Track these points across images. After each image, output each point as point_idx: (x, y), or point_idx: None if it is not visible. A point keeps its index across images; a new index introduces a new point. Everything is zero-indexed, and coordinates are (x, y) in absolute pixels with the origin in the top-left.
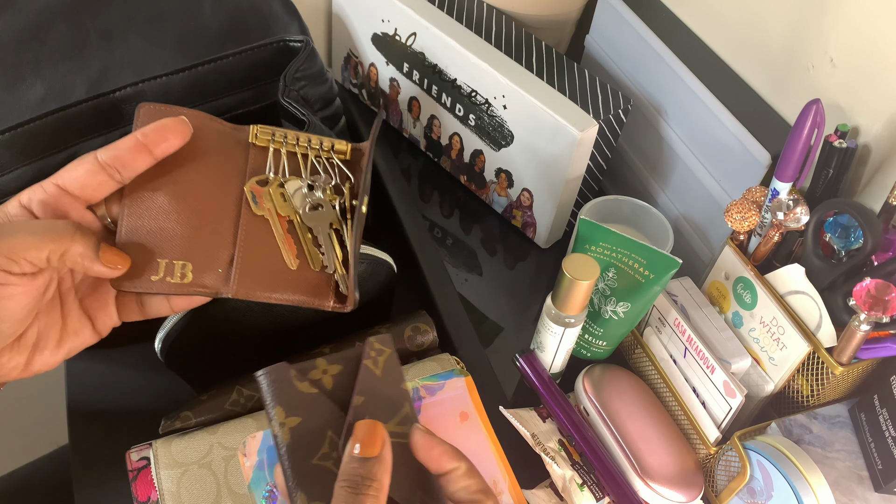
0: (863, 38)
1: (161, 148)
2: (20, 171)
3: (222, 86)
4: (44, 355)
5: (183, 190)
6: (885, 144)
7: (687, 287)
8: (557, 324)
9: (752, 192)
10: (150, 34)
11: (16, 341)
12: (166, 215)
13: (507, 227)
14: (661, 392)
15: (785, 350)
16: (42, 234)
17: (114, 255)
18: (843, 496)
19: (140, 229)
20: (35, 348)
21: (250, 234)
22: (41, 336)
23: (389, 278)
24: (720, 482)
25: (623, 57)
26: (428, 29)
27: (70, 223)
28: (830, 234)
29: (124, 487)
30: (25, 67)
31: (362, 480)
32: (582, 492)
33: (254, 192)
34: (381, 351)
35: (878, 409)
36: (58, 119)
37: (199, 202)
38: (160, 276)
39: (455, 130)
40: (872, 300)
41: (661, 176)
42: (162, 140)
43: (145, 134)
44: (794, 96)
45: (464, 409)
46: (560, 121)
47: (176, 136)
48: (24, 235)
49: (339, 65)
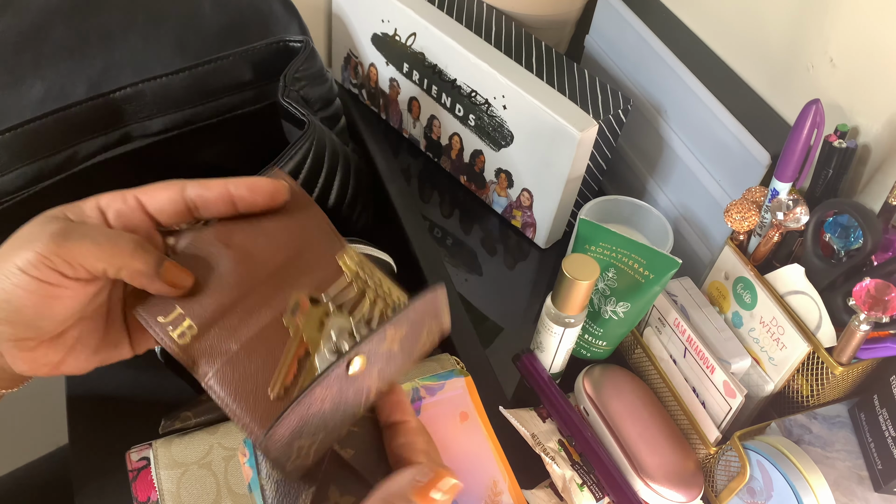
0: (863, 38)
1: (245, 203)
2: (20, 171)
3: (222, 86)
4: (78, 359)
5: (246, 260)
6: (884, 144)
7: (687, 287)
8: (557, 324)
9: (751, 192)
10: (150, 34)
11: (54, 339)
12: (214, 273)
13: (507, 227)
14: (661, 392)
15: (785, 350)
16: (105, 245)
17: (176, 274)
18: (843, 496)
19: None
20: (71, 350)
21: (263, 339)
22: (80, 339)
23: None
24: (720, 482)
25: (623, 57)
26: (428, 29)
27: (133, 240)
28: (830, 234)
29: (124, 487)
30: (25, 67)
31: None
32: (582, 492)
33: (300, 303)
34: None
35: (878, 409)
36: (58, 119)
37: (251, 279)
38: (166, 320)
39: (455, 130)
40: (872, 300)
41: (661, 176)
42: (249, 197)
43: (237, 186)
44: (794, 96)
45: (464, 410)
46: (560, 121)
47: (265, 197)
48: (88, 244)
49: (339, 65)
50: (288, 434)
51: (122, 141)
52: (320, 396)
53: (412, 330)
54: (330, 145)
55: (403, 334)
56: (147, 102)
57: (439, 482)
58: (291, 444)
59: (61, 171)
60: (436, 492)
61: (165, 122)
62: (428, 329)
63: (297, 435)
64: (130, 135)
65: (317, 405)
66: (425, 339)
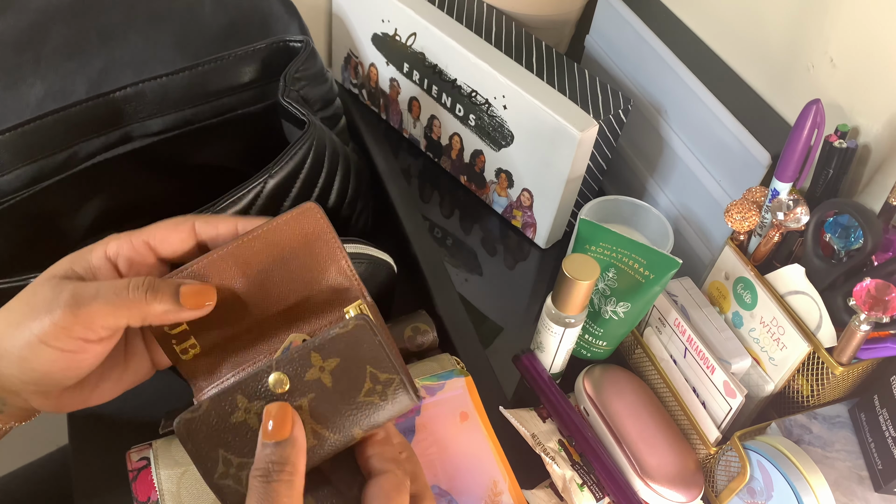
0: (863, 38)
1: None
2: (20, 171)
3: (222, 86)
4: (104, 391)
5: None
6: (885, 144)
7: (687, 287)
8: (557, 324)
9: (752, 192)
10: (150, 34)
11: (78, 383)
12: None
13: (507, 227)
14: (661, 392)
15: (785, 350)
16: (117, 302)
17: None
18: (843, 496)
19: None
20: (96, 387)
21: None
22: (103, 375)
23: (389, 278)
24: (720, 482)
25: (623, 57)
26: (428, 29)
27: (144, 284)
28: (830, 234)
29: (124, 487)
30: (25, 67)
31: (273, 466)
32: (582, 492)
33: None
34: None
35: (878, 409)
36: (58, 119)
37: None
38: (174, 332)
39: (455, 130)
40: (872, 300)
41: (661, 176)
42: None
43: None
44: (794, 96)
45: (464, 409)
46: (560, 121)
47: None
48: (101, 304)
49: (339, 65)
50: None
51: (123, 141)
52: (240, 403)
53: (346, 366)
54: (330, 145)
55: (334, 367)
56: (147, 102)
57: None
58: (215, 448)
59: (61, 171)
60: None
61: (165, 122)
62: (371, 376)
63: (218, 440)
64: (130, 135)
65: (238, 413)
66: (368, 387)
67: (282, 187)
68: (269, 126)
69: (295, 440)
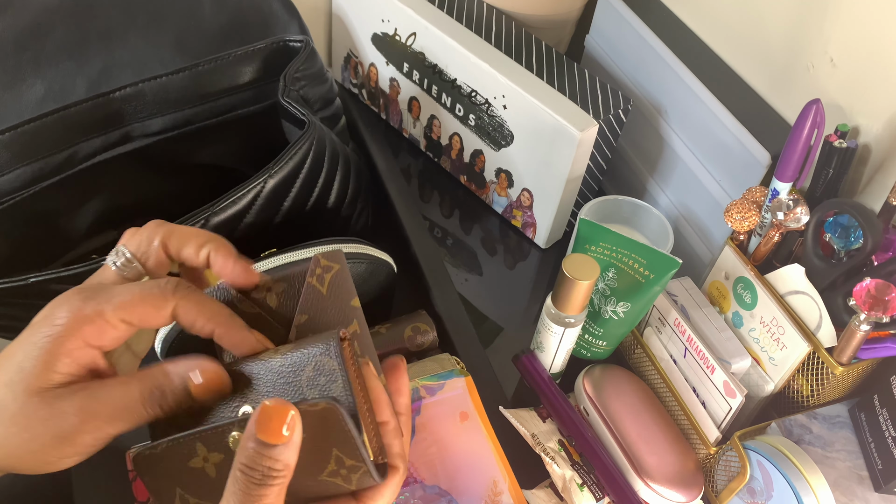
0: (863, 38)
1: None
2: (20, 170)
3: (222, 86)
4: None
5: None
6: (885, 144)
7: (687, 287)
8: (557, 324)
9: (752, 192)
10: (150, 34)
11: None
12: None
13: (507, 227)
14: (661, 392)
15: (785, 350)
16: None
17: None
18: (843, 496)
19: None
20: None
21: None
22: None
23: (389, 278)
24: (720, 482)
25: (623, 57)
26: (428, 29)
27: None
28: (830, 234)
29: (124, 487)
30: (25, 67)
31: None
32: (582, 492)
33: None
34: (328, 268)
35: (878, 409)
36: (58, 119)
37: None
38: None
39: (455, 130)
40: (872, 300)
41: (661, 176)
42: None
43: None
44: (794, 96)
45: (464, 409)
46: (560, 121)
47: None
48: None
49: (339, 65)
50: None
51: (122, 141)
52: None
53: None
54: (330, 145)
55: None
56: (147, 102)
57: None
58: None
59: (61, 171)
60: None
61: (165, 122)
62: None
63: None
64: (130, 135)
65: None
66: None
67: (282, 187)
68: (268, 126)
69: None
